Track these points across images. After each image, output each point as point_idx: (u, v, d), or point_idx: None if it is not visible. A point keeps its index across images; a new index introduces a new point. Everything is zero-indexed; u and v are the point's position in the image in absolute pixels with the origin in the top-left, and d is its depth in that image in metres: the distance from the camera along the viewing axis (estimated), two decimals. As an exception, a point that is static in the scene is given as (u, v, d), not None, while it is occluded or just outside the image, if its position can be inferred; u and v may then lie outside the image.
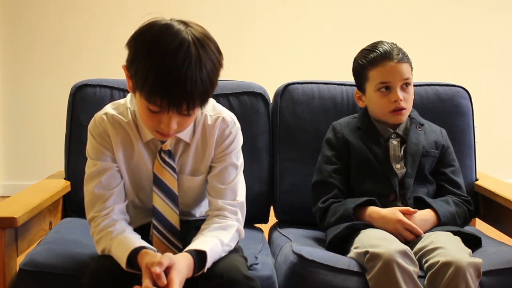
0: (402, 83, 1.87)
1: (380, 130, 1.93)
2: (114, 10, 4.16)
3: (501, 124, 4.32)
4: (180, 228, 1.58)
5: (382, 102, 1.88)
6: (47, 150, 4.13)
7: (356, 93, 1.99)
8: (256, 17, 4.22)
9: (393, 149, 1.90)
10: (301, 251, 1.67)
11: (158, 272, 1.31)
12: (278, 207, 2.09)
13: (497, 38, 4.27)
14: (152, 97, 1.36)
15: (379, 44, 1.91)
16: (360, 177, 1.90)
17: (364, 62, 1.90)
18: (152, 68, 1.34)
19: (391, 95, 1.86)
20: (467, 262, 1.55)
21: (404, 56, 1.90)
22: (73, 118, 2.03)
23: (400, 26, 4.16)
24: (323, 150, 1.96)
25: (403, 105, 1.87)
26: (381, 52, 1.87)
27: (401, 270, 1.55)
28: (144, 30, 1.39)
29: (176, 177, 1.59)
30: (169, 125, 1.41)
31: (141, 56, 1.36)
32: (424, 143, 1.92)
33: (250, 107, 2.05)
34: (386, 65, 1.86)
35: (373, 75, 1.88)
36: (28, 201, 1.71)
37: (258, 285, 1.45)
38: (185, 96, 1.35)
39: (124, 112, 1.57)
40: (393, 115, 1.88)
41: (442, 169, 1.95)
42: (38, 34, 4.18)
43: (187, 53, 1.34)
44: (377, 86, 1.87)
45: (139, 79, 1.37)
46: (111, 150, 1.55)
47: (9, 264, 1.59)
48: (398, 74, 1.86)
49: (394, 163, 1.88)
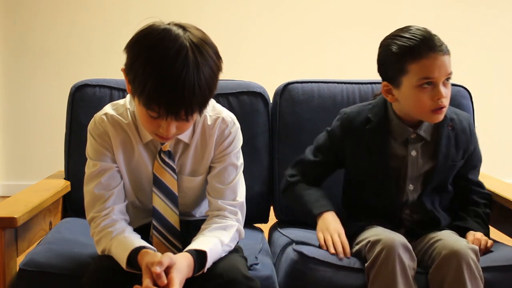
0: (445, 78, 1.64)
1: (397, 129, 1.71)
2: (114, 10, 4.16)
3: (501, 124, 4.32)
4: (180, 229, 1.58)
5: (422, 99, 1.63)
6: (47, 150, 4.12)
7: (385, 85, 1.70)
8: (255, 17, 4.21)
9: (412, 164, 1.70)
10: (302, 249, 1.67)
11: (159, 271, 1.32)
12: (278, 207, 2.09)
13: (498, 37, 4.27)
14: (150, 104, 1.37)
15: (416, 30, 1.66)
16: (359, 187, 1.78)
17: (402, 52, 1.64)
18: (150, 76, 1.34)
19: (434, 91, 1.62)
20: (467, 248, 1.54)
21: (446, 46, 1.65)
22: (73, 118, 2.03)
23: (400, 25, 4.15)
24: (324, 135, 1.84)
25: (445, 103, 1.65)
26: (424, 42, 1.62)
27: (399, 261, 1.53)
28: (142, 36, 1.39)
29: (176, 177, 1.59)
30: (168, 130, 1.42)
31: (139, 63, 1.36)
32: (453, 153, 1.72)
33: (249, 106, 2.05)
34: (431, 57, 1.61)
35: (414, 68, 1.62)
36: (28, 201, 1.71)
37: (258, 285, 1.45)
38: (183, 104, 1.35)
39: (124, 113, 1.57)
40: (434, 114, 1.65)
41: (466, 174, 1.80)
42: (38, 34, 4.18)
43: (185, 60, 1.34)
44: (419, 81, 1.62)
45: (137, 86, 1.37)
46: (111, 151, 1.56)
47: (9, 264, 1.59)
48: (443, 68, 1.62)
49: (408, 183, 1.71)
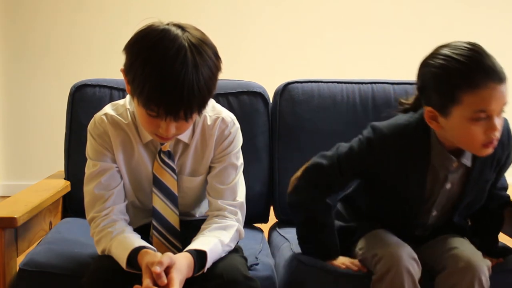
0: (501, 109, 1.43)
1: (439, 157, 1.52)
2: (114, 10, 4.16)
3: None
4: (180, 229, 1.58)
5: (474, 132, 1.42)
6: (47, 150, 4.12)
7: (430, 112, 1.47)
8: (255, 17, 4.21)
9: (444, 195, 1.57)
10: (301, 257, 1.66)
11: (159, 271, 1.32)
12: (278, 207, 2.09)
13: (498, 37, 4.27)
14: (149, 104, 1.37)
15: (474, 52, 1.43)
16: (379, 203, 1.63)
17: (457, 79, 1.41)
18: (149, 77, 1.34)
19: (488, 124, 1.42)
20: (483, 264, 1.48)
21: (503, 71, 1.43)
22: (73, 118, 2.03)
23: (400, 25, 4.15)
24: (357, 143, 1.58)
25: (498, 136, 1.44)
26: (484, 69, 1.40)
27: (408, 275, 1.48)
28: (141, 36, 1.39)
29: (176, 177, 1.59)
30: (168, 130, 1.42)
31: (138, 63, 1.36)
32: (487, 173, 1.56)
33: (249, 106, 2.05)
34: (489, 87, 1.39)
35: (469, 99, 1.40)
36: (28, 201, 1.71)
37: (258, 285, 1.45)
38: (183, 104, 1.36)
39: (124, 114, 1.57)
40: (484, 148, 1.45)
41: (494, 182, 1.64)
42: (38, 34, 4.18)
43: (184, 60, 1.34)
44: (474, 115, 1.41)
45: (136, 87, 1.37)
46: (111, 151, 1.56)
47: (9, 264, 1.59)
48: (501, 99, 1.41)
49: (434, 210, 1.59)
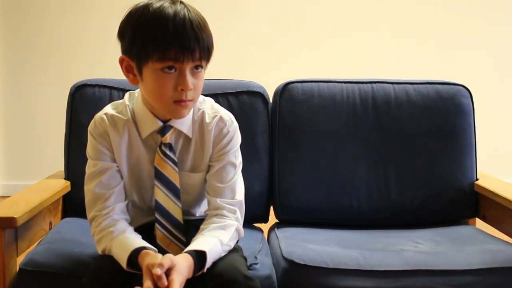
0: None
1: None
2: (114, 10, 4.14)
3: (502, 124, 4.32)
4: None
5: None
6: (47, 150, 4.12)
7: None
8: (255, 16, 4.22)
9: None
10: (292, 256, 1.65)
11: (159, 273, 1.31)
12: (278, 207, 2.08)
13: (499, 37, 4.27)
14: (165, 50, 1.41)
15: None
16: None
17: None
18: (156, 24, 1.41)
19: None
20: None
21: None
22: (73, 118, 2.03)
23: (401, 25, 4.15)
24: None
25: None
26: None
27: None
28: (128, 13, 1.50)
29: (178, 170, 1.58)
30: (186, 81, 1.44)
31: (141, 23, 1.44)
32: None
33: (249, 106, 2.05)
34: None
35: None
36: (28, 201, 1.71)
37: (257, 285, 1.44)
38: (195, 37, 1.42)
39: (123, 111, 1.57)
40: None
41: None
42: (37, 34, 4.18)
43: (181, 8, 1.44)
44: None
45: (146, 43, 1.42)
46: (111, 150, 1.56)
47: (9, 264, 1.59)
48: None
49: None
